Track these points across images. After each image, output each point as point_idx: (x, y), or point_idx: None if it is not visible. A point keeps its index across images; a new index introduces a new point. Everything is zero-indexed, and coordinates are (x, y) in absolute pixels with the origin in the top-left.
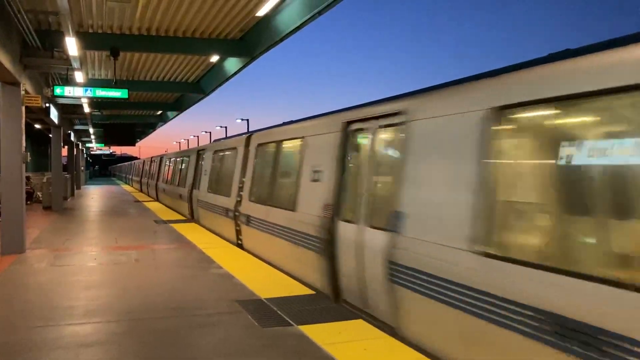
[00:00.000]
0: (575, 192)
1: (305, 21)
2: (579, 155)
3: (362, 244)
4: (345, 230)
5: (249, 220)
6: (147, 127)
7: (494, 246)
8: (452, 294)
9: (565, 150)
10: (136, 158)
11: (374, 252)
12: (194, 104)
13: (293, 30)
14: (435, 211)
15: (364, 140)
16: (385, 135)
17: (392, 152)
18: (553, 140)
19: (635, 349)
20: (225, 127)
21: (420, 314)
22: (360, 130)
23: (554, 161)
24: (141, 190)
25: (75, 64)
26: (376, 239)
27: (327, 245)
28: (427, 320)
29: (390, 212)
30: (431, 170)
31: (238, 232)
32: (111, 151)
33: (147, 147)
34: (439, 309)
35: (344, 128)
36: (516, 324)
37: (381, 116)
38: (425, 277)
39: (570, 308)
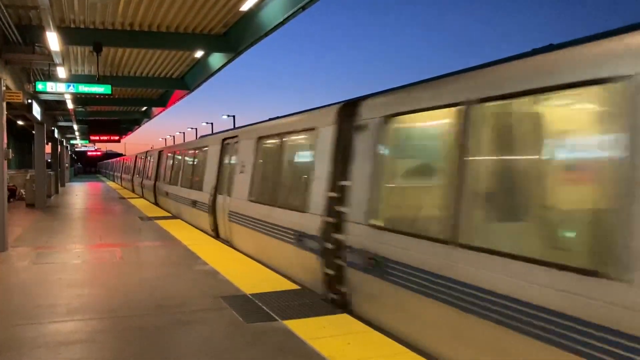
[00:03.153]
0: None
1: (289, 16)
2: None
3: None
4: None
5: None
6: (132, 124)
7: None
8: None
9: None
10: (122, 155)
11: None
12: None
13: (277, 25)
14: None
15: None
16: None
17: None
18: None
19: None
20: (212, 124)
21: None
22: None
23: None
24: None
25: (57, 60)
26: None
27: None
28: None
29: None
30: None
31: None
32: (96, 148)
33: (132, 143)
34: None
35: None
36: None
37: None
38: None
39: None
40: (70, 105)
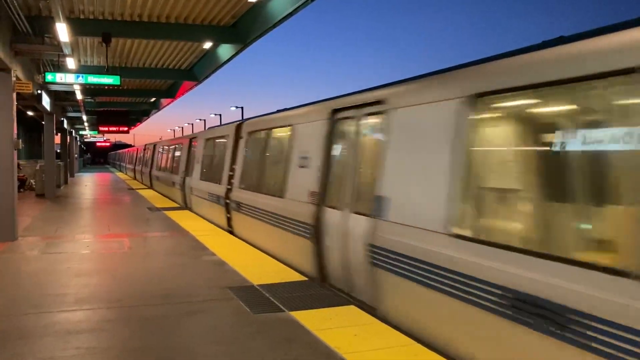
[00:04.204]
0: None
1: (298, 7)
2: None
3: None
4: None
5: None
6: (141, 115)
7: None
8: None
9: None
10: (130, 146)
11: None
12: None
13: (286, 16)
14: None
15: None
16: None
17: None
18: None
19: None
20: (220, 115)
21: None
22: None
23: None
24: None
25: (67, 50)
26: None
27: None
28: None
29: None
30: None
31: None
32: (105, 138)
33: (141, 134)
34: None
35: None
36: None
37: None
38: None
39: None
40: (79, 96)
